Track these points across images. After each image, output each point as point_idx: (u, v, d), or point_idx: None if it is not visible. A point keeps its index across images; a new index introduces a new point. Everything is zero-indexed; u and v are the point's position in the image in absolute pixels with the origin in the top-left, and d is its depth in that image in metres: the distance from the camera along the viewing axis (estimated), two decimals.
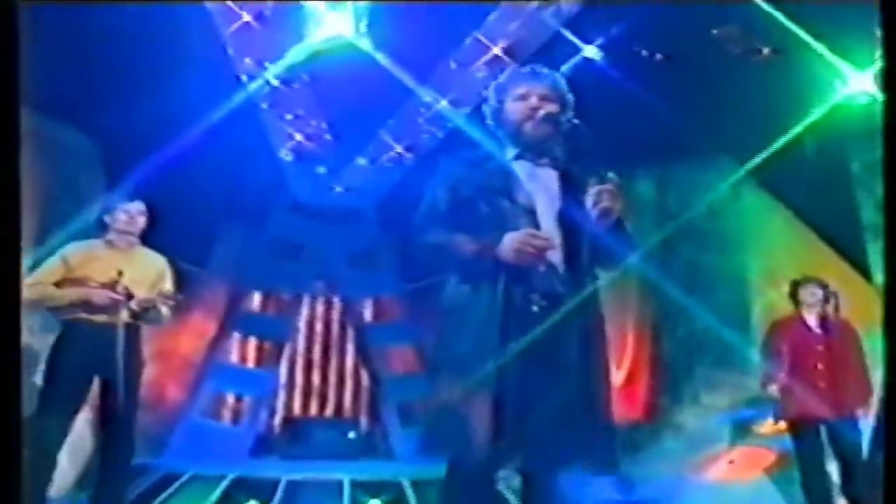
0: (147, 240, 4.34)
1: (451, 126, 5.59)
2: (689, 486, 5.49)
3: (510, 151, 2.41)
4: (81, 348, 3.36)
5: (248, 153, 5.68)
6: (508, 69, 2.64)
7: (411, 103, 5.65)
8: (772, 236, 6.08)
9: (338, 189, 6.14)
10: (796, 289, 4.40)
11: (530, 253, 2.17)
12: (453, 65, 5.23)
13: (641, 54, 5.12)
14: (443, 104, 5.56)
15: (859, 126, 5.26)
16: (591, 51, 5.07)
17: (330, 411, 7.31)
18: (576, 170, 2.34)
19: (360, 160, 5.99)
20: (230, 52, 4.97)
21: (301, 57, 5.05)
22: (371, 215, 6.71)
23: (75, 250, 3.52)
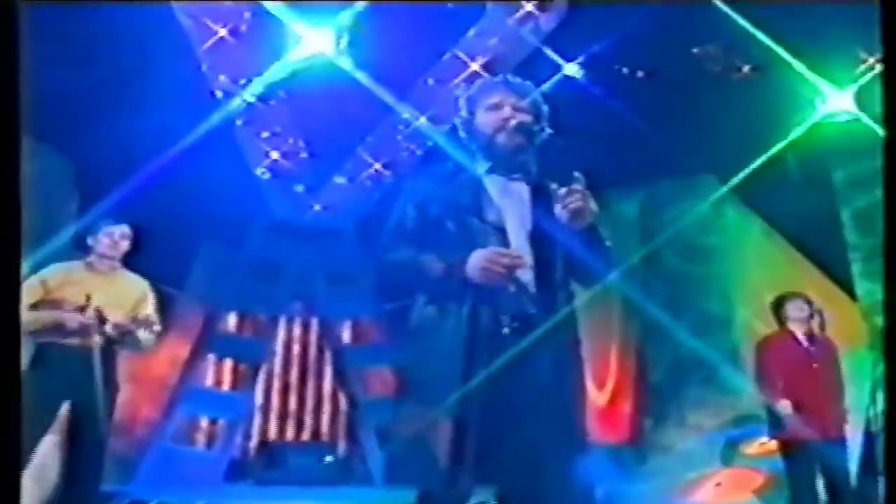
0: (125, 261, 4.25)
1: (430, 143, 5.53)
2: None
3: (482, 165, 2.33)
4: (53, 372, 3.31)
5: (225, 171, 5.57)
6: (480, 80, 2.57)
7: (389, 120, 5.58)
8: (755, 254, 6.07)
9: (316, 207, 6.04)
10: (782, 304, 4.35)
11: (498, 272, 2.08)
12: (432, 81, 5.17)
13: (622, 72, 5.10)
14: (422, 121, 5.49)
15: (840, 144, 5.28)
16: (571, 68, 5.03)
17: (307, 435, 7.14)
18: (549, 183, 2.26)
19: (339, 178, 5.90)
20: (204, 68, 4.88)
21: (281, 75, 4.97)
22: (350, 234, 6.60)
23: (54, 272, 3.48)
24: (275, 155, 5.55)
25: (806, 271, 5.58)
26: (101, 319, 3.34)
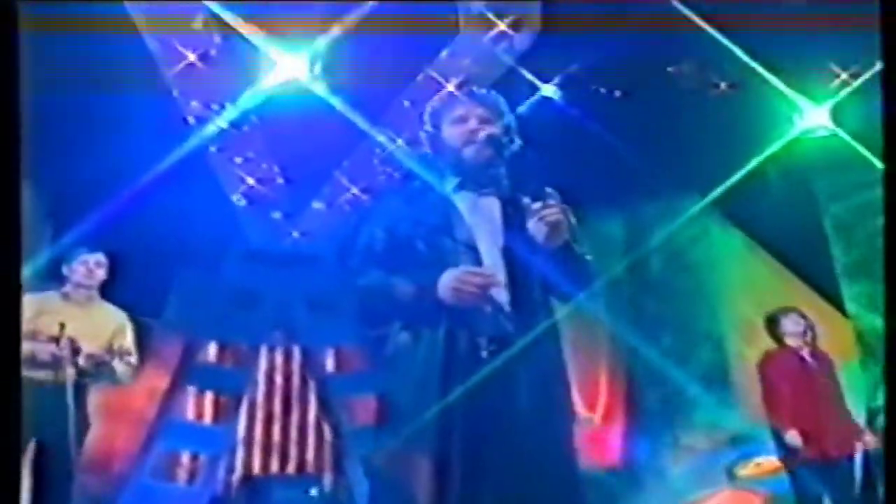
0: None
1: (408, 165, 5.47)
2: None
3: (451, 181, 2.24)
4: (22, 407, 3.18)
5: (200, 198, 5.49)
6: (442, 92, 2.50)
7: (366, 144, 5.52)
8: (743, 271, 6.06)
9: (294, 234, 5.96)
10: (777, 320, 4.28)
11: (470, 291, 2.00)
12: (407, 103, 5.12)
13: (599, 92, 5.08)
14: (399, 143, 5.44)
15: (820, 159, 5.28)
16: (549, 89, 5.01)
17: (292, 467, 6.99)
18: (522, 198, 2.18)
19: (316, 203, 5.82)
20: (176, 94, 4.82)
21: (254, 100, 4.93)
22: (330, 260, 6.51)
23: (28, 303, 3.38)
24: (250, 181, 5.47)
25: (793, 286, 5.54)
26: (75, 350, 3.26)
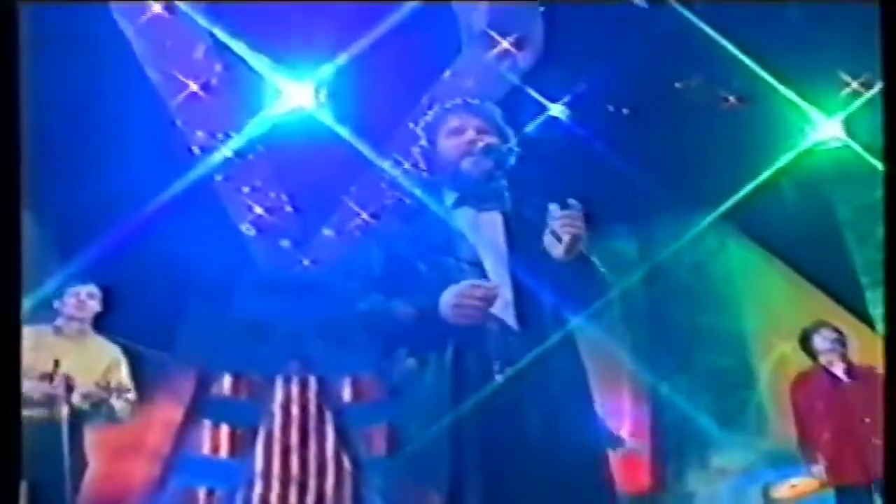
0: (107, 324, 4.11)
1: (407, 185, 5.41)
2: None
3: (450, 197, 2.13)
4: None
5: (208, 228, 5.47)
6: (436, 106, 2.41)
7: (373, 169, 5.47)
8: (764, 287, 5.92)
9: (305, 262, 5.90)
10: (809, 337, 4.13)
11: (473, 305, 1.85)
12: (412, 126, 5.06)
13: (607, 109, 5.01)
14: (406, 167, 5.38)
15: (836, 170, 5.16)
16: (556, 109, 4.92)
17: (311, 500, 6.88)
18: (526, 212, 2.06)
19: (326, 231, 5.77)
20: (179, 123, 4.81)
21: (259, 129, 4.90)
22: (342, 288, 6.46)
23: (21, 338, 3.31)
24: (258, 210, 5.44)
25: (816, 299, 5.39)
26: (69, 387, 3.17)
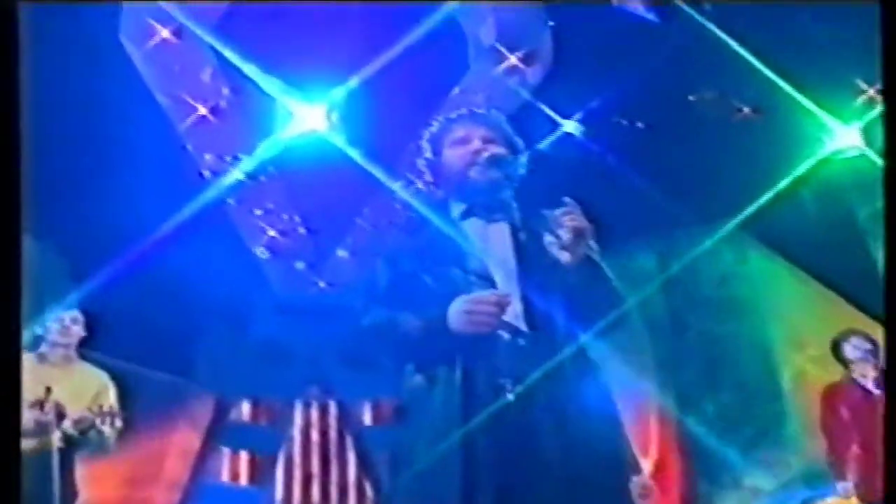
0: (122, 352, 4.10)
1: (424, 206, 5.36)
2: None
3: (457, 208, 2.07)
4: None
5: (222, 252, 5.46)
6: (440, 116, 2.36)
7: (386, 189, 5.43)
8: (787, 297, 5.77)
9: (321, 284, 5.86)
10: (839, 346, 4.02)
11: (485, 312, 1.78)
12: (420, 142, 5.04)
13: (621, 124, 4.94)
14: (419, 186, 5.33)
15: (854, 178, 5.05)
16: (570, 125, 4.86)
17: None
18: (535, 223, 1.99)
19: (340, 252, 5.73)
20: (189, 147, 4.82)
21: (270, 151, 4.90)
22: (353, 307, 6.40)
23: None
24: (271, 232, 5.42)
25: (843, 309, 5.23)
26: (60, 415, 3.12)
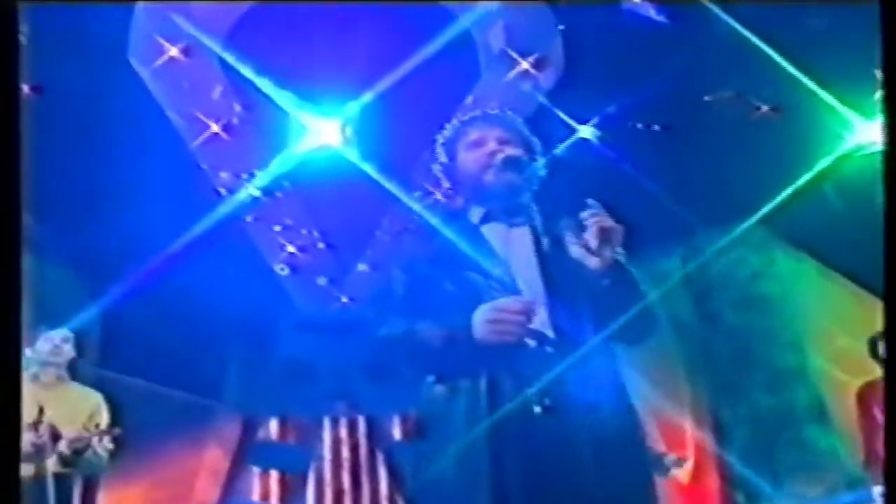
0: (147, 372, 4.09)
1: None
2: None
3: (476, 213, 2.02)
4: None
5: (243, 271, 5.47)
6: (454, 119, 2.32)
7: (404, 201, 5.41)
8: (818, 297, 5.60)
9: (343, 299, 5.83)
10: (876, 344, 3.94)
11: (511, 320, 1.74)
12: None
13: (637, 127, 4.87)
14: (438, 196, 5.30)
15: (877, 173, 4.90)
16: (586, 131, 4.79)
17: None
18: (558, 226, 1.95)
19: (361, 266, 5.71)
20: (204, 166, 4.83)
21: (285, 166, 4.90)
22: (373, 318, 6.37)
23: None
24: (291, 249, 5.41)
25: (873, 306, 5.07)
26: (55, 437, 3.09)
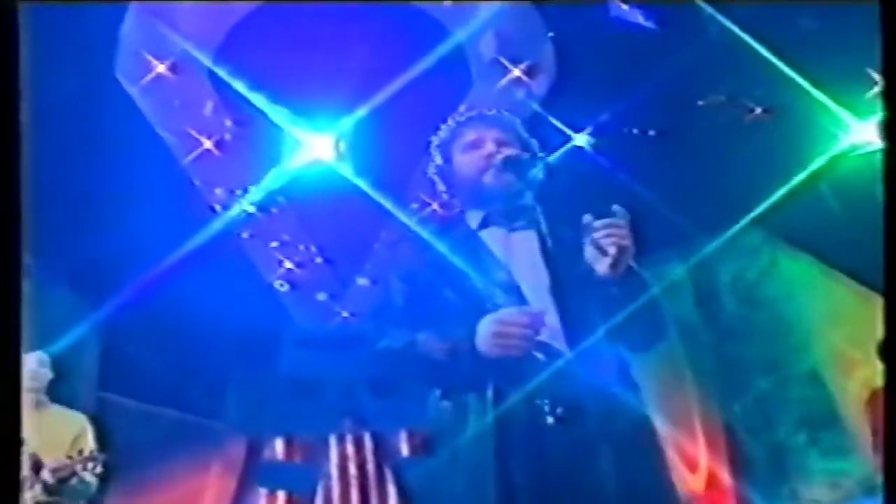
0: (148, 395, 4.05)
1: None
2: None
3: (475, 217, 1.96)
4: None
5: (241, 288, 5.44)
6: (449, 120, 2.27)
7: (401, 213, 5.38)
8: (824, 298, 5.52)
9: (343, 314, 5.79)
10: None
11: (517, 332, 1.65)
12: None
13: (632, 133, 4.84)
14: (434, 207, 5.28)
15: (876, 173, 4.84)
16: (581, 139, 4.76)
17: None
18: (563, 229, 1.88)
19: (360, 280, 5.67)
20: (196, 182, 4.82)
21: (278, 182, 4.89)
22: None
23: None
24: (288, 264, 5.39)
25: (877, 305, 4.99)
26: (37, 466, 3.03)
